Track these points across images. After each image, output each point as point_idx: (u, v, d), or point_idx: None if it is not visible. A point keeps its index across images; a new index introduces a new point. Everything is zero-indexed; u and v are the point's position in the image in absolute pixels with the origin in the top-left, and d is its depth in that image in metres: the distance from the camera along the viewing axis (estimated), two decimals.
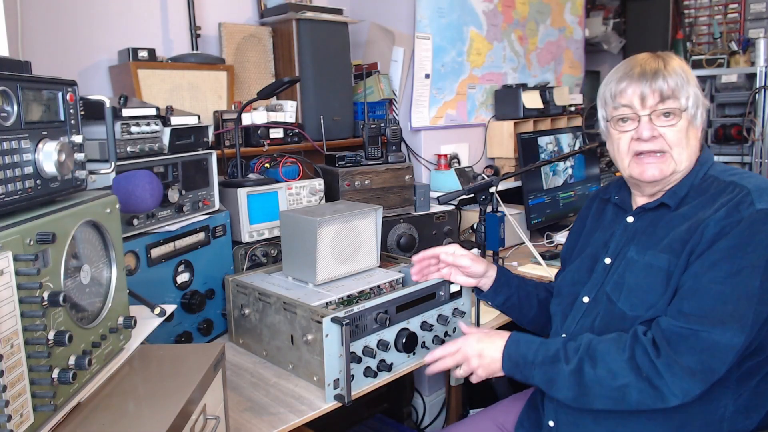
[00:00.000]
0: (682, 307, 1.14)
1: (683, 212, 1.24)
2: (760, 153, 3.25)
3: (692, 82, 1.24)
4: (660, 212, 1.29)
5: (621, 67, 1.30)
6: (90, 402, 0.91)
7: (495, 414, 1.54)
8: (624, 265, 1.28)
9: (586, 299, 1.34)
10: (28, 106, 0.86)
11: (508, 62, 2.89)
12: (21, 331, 0.75)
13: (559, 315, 1.41)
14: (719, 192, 1.22)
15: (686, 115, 1.23)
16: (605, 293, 1.29)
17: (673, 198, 1.27)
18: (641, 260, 1.25)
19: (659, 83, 1.22)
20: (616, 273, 1.29)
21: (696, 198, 1.24)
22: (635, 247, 1.28)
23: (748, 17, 3.60)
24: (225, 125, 1.96)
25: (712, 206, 1.20)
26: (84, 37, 1.89)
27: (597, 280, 1.34)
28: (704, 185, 1.25)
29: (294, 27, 2.19)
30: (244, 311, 1.58)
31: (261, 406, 1.33)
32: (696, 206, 1.23)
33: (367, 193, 2.03)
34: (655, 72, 1.23)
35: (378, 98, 2.48)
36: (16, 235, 0.75)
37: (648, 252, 1.25)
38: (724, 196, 1.20)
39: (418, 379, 2.76)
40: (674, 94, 1.22)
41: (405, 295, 1.48)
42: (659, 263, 1.21)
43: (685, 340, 1.11)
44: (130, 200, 1.29)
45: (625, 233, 1.33)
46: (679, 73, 1.23)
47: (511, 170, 2.63)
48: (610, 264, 1.33)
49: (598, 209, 1.48)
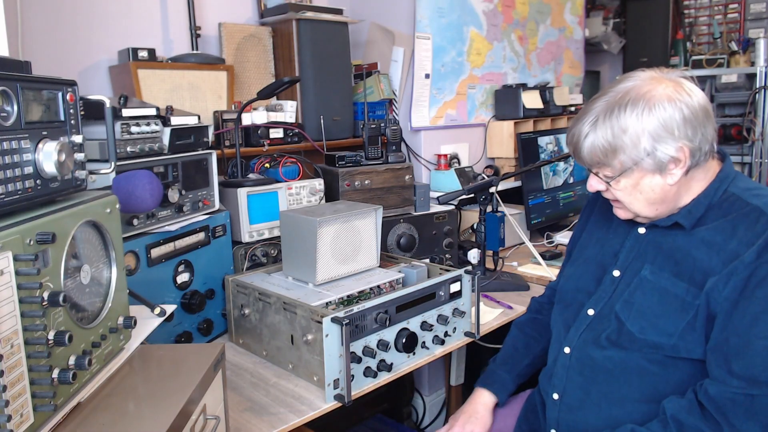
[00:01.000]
0: (732, 369, 1.08)
1: (702, 236, 1.17)
2: (760, 153, 3.25)
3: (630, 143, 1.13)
4: (674, 230, 1.22)
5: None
6: (90, 402, 0.91)
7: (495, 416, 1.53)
8: (636, 283, 1.23)
9: (591, 312, 1.30)
10: (28, 106, 0.86)
11: (508, 62, 2.89)
12: (21, 331, 0.75)
13: (561, 324, 1.37)
14: (742, 217, 1.15)
15: (628, 173, 1.17)
16: (614, 311, 1.25)
17: (688, 218, 1.20)
18: (656, 282, 1.20)
19: (579, 155, 1.22)
20: (627, 291, 1.24)
21: (715, 219, 1.17)
22: (650, 266, 1.22)
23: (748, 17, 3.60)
24: (225, 125, 1.96)
25: (733, 234, 1.14)
26: (84, 37, 1.88)
27: (604, 293, 1.29)
28: (725, 205, 1.18)
29: (294, 27, 2.19)
30: (244, 311, 1.58)
31: (261, 406, 1.33)
32: (716, 230, 1.16)
33: (367, 193, 2.03)
34: (573, 147, 1.23)
35: (378, 98, 2.48)
36: (16, 235, 0.75)
37: (663, 274, 1.20)
38: (746, 223, 1.13)
39: (418, 379, 2.76)
40: (597, 164, 1.21)
41: (405, 295, 1.48)
42: (676, 290, 1.17)
43: (742, 406, 1.05)
44: (130, 200, 1.29)
45: (636, 245, 1.28)
46: (597, 148, 1.17)
47: (511, 170, 2.63)
48: (619, 277, 1.28)
49: (605, 204, 1.41)
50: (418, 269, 1.70)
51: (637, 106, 1.13)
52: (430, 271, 1.72)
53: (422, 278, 1.68)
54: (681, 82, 1.15)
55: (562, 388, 1.31)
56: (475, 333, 1.64)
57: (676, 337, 1.15)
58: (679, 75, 1.17)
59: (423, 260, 1.87)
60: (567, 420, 1.30)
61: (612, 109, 1.15)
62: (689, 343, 1.14)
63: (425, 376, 2.76)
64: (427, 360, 1.56)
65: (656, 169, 1.15)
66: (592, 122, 1.18)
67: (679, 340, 1.15)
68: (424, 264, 1.74)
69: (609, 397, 1.24)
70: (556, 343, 1.37)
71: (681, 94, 1.13)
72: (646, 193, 1.19)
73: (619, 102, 1.15)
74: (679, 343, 1.15)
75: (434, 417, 2.77)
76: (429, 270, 1.72)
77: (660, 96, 1.13)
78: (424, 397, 2.76)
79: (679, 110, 1.12)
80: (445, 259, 2.19)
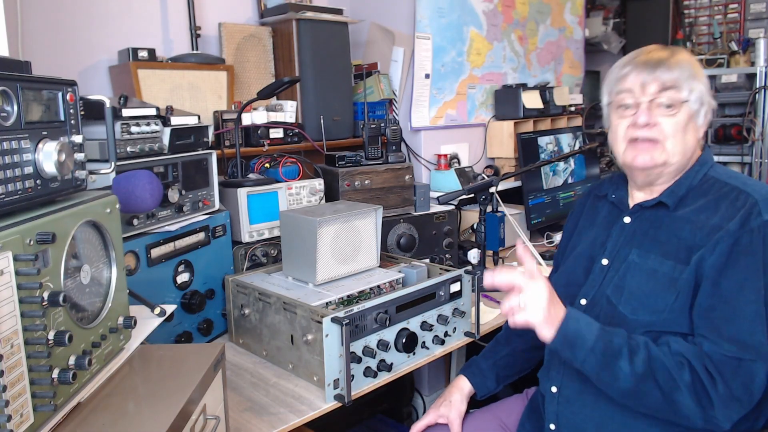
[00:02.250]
0: (723, 331, 1.12)
1: (684, 215, 1.23)
2: (760, 153, 3.25)
3: (699, 79, 1.23)
4: (658, 213, 1.28)
5: (628, 55, 1.30)
6: (90, 402, 0.91)
7: (496, 413, 1.54)
8: (625, 267, 1.27)
9: (583, 302, 1.32)
10: (28, 106, 0.86)
11: (508, 62, 2.89)
12: (21, 331, 0.75)
13: None
14: (722, 196, 1.21)
15: (687, 108, 1.22)
16: (605, 295, 1.28)
17: (671, 197, 1.26)
18: (644, 264, 1.24)
19: (660, 72, 1.22)
20: (617, 275, 1.28)
21: (696, 200, 1.24)
22: (637, 250, 1.27)
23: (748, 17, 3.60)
24: (225, 125, 1.96)
25: (716, 211, 1.19)
26: (84, 37, 1.88)
27: (594, 281, 1.32)
28: (704, 187, 1.25)
29: (294, 27, 2.19)
30: (244, 311, 1.58)
31: (261, 406, 1.33)
32: (698, 209, 1.22)
33: (367, 193, 2.03)
34: (659, 61, 1.23)
35: (378, 98, 2.48)
36: (16, 235, 0.75)
37: (650, 256, 1.24)
38: (727, 201, 1.19)
39: (418, 379, 2.76)
40: (675, 84, 1.22)
41: (405, 295, 1.48)
42: (664, 269, 1.21)
43: (732, 368, 1.10)
44: (130, 200, 1.29)
45: (622, 234, 1.32)
46: (684, 66, 1.22)
47: (511, 170, 2.62)
48: (607, 265, 1.31)
49: (591, 206, 1.47)
50: (418, 269, 1.70)
51: (692, 61, 1.25)
52: (430, 271, 1.72)
53: (422, 278, 1.68)
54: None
55: (560, 380, 1.33)
56: (475, 333, 1.64)
57: (667, 312, 1.18)
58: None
59: (423, 260, 1.87)
60: (565, 413, 1.32)
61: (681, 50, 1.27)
62: (677, 315, 1.18)
63: (425, 376, 2.76)
64: (427, 360, 1.56)
65: (701, 117, 1.25)
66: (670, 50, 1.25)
67: (669, 314, 1.18)
68: (424, 264, 1.74)
69: None
70: None
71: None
72: (688, 136, 1.24)
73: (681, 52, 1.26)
74: (669, 317, 1.18)
75: None
76: (429, 270, 1.72)
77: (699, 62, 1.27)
78: (424, 397, 2.76)
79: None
80: (445, 259, 2.19)
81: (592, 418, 1.27)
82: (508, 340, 1.56)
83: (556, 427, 1.33)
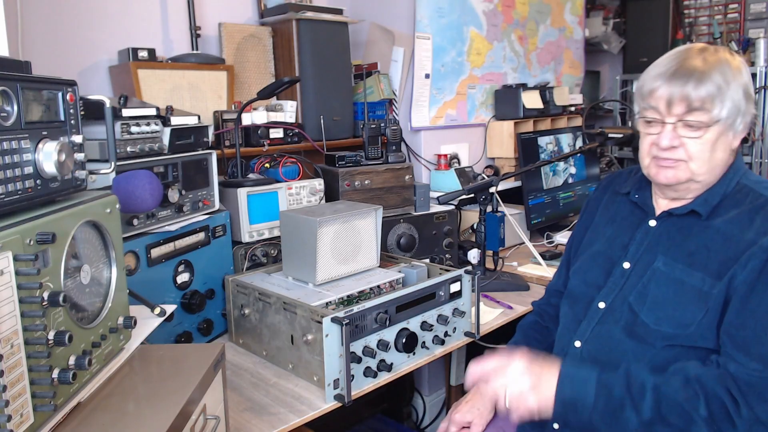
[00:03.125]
0: (750, 351, 1.08)
1: (718, 226, 1.19)
2: (760, 153, 3.25)
3: (734, 88, 1.15)
4: (689, 221, 1.23)
5: (664, 59, 1.22)
6: (90, 402, 0.91)
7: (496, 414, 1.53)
8: (649, 274, 1.23)
9: (602, 305, 1.29)
10: (28, 106, 0.86)
11: (508, 62, 2.89)
12: (21, 331, 0.75)
13: (570, 318, 1.36)
14: (757, 208, 1.17)
15: (717, 126, 1.16)
16: (627, 302, 1.24)
17: (705, 206, 1.21)
18: (671, 273, 1.20)
19: (690, 89, 1.14)
20: (640, 282, 1.24)
21: (730, 209, 1.19)
22: (663, 257, 1.23)
23: (748, 17, 3.60)
24: (225, 125, 1.96)
25: (750, 224, 1.15)
26: (84, 37, 1.88)
27: (614, 285, 1.29)
28: (738, 196, 1.20)
29: (294, 27, 2.19)
30: (244, 311, 1.58)
31: (261, 406, 1.33)
32: (732, 221, 1.17)
33: (367, 193, 2.03)
34: (691, 74, 1.15)
35: (378, 98, 2.48)
36: (16, 235, 0.75)
37: (678, 266, 1.20)
38: (762, 214, 1.15)
39: (418, 379, 2.76)
40: (704, 105, 1.15)
41: (405, 295, 1.48)
42: (692, 281, 1.17)
43: (759, 391, 1.06)
44: (130, 200, 1.29)
45: (646, 238, 1.28)
46: (716, 81, 1.14)
47: (511, 170, 2.63)
48: (629, 269, 1.28)
49: (609, 201, 1.42)
50: (418, 269, 1.70)
51: (731, 64, 1.16)
52: (430, 271, 1.72)
53: (422, 278, 1.68)
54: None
55: None
56: (475, 333, 1.64)
57: (694, 327, 1.14)
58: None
59: (423, 260, 1.87)
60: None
61: (718, 54, 1.18)
62: (706, 331, 1.14)
63: (425, 376, 2.76)
64: (427, 360, 1.56)
65: (737, 126, 1.18)
66: (703, 61, 1.16)
67: (696, 329, 1.14)
68: (424, 264, 1.74)
69: None
70: (564, 338, 1.36)
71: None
72: (717, 154, 1.18)
73: (717, 56, 1.17)
74: (696, 332, 1.14)
75: (434, 417, 2.77)
76: (429, 270, 1.72)
77: (740, 62, 1.18)
78: (424, 397, 2.76)
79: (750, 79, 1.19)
80: (445, 259, 2.19)
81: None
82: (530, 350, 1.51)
83: (560, 426, 1.33)
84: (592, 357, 1.28)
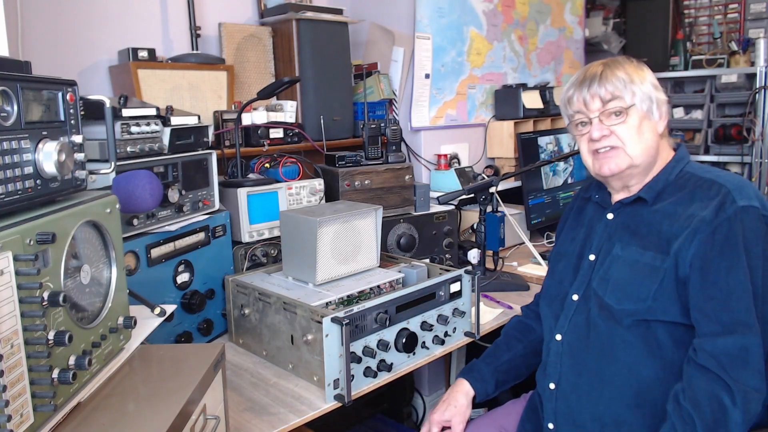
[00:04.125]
0: (721, 319, 1.15)
1: (662, 208, 1.28)
2: (760, 153, 3.25)
3: (639, 81, 1.29)
4: (637, 208, 1.33)
5: (574, 75, 1.40)
6: (90, 402, 0.91)
7: (496, 416, 1.54)
8: (609, 261, 1.32)
9: (575, 297, 1.36)
10: (28, 106, 0.86)
11: (508, 62, 2.89)
12: (21, 331, 0.75)
13: (550, 316, 1.42)
14: (697, 188, 1.26)
15: (635, 111, 1.29)
16: (592, 289, 1.32)
17: (649, 193, 1.31)
18: (626, 256, 1.29)
19: (595, 88, 1.30)
20: (602, 269, 1.32)
21: (673, 194, 1.29)
22: (619, 243, 1.32)
23: (748, 17, 3.60)
24: (225, 125, 1.96)
25: (691, 203, 1.24)
26: (84, 37, 1.88)
27: (584, 277, 1.37)
28: (680, 182, 1.30)
29: (294, 27, 2.19)
30: (244, 311, 1.58)
31: (261, 406, 1.33)
32: (674, 202, 1.27)
33: (367, 193, 2.03)
34: (593, 78, 1.31)
35: (378, 98, 2.48)
36: (16, 235, 0.75)
37: (632, 248, 1.29)
38: (702, 193, 1.24)
39: (418, 379, 2.76)
40: (614, 94, 1.29)
41: (405, 295, 1.48)
42: (644, 259, 1.25)
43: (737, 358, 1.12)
44: (130, 200, 1.29)
45: (606, 229, 1.37)
46: (619, 77, 1.29)
47: (511, 170, 2.62)
48: (594, 260, 1.36)
49: (578, 208, 1.52)
50: (418, 269, 1.70)
51: (631, 61, 1.33)
52: (430, 271, 1.72)
53: (422, 278, 1.68)
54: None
55: (557, 376, 1.35)
56: (475, 333, 1.64)
57: (650, 300, 1.22)
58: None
59: (423, 260, 1.87)
60: (563, 409, 1.33)
61: (613, 60, 1.34)
62: (662, 303, 1.22)
63: (425, 376, 2.76)
64: (427, 360, 1.56)
65: (655, 114, 1.30)
66: (602, 63, 1.34)
67: (653, 302, 1.22)
68: (424, 264, 1.74)
69: (600, 377, 1.28)
70: (548, 335, 1.42)
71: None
72: (645, 135, 1.30)
73: (616, 61, 1.34)
74: (653, 305, 1.22)
75: None
76: (429, 270, 1.72)
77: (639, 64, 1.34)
78: (424, 397, 2.76)
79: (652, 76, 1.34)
80: (445, 259, 2.19)
81: (589, 410, 1.29)
82: (508, 346, 1.56)
83: (555, 426, 1.34)
84: (573, 346, 1.34)
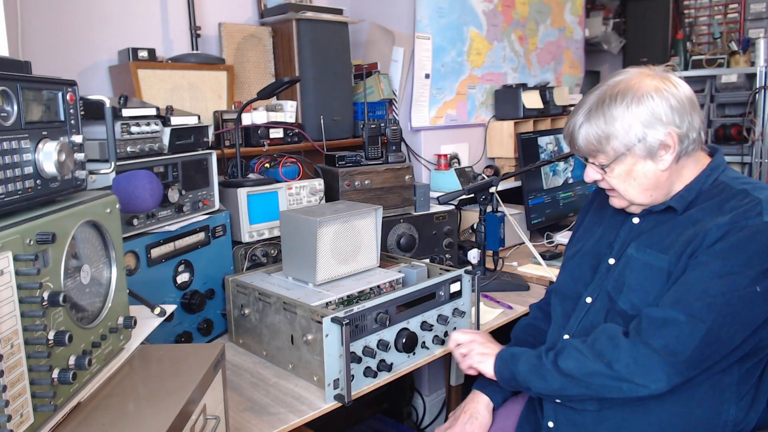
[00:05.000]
0: (681, 299, 1.15)
1: (690, 215, 1.24)
2: (760, 153, 3.25)
3: (623, 128, 1.20)
4: (666, 215, 1.29)
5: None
6: (90, 402, 0.91)
7: (495, 416, 1.53)
8: (624, 262, 1.29)
9: (588, 300, 1.35)
10: (28, 106, 0.86)
11: (508, 62, 2.89)
12: (21, 331, 0.75)
13: (560, 314, 1.41)
14: (727, 198, 1.21)
15: (620, 161, 1.24)
16: (606, 292, 1.30)
17: (680, 202, 1.26)
18: (640, 258, 1.26)
19: (574, 147, 1.29)
20: (617, 271, 1.30)
21: (704, 202, 1.24)
22: (635, 244, 1.29)
23: (748, 17, 3.60)
24: (225, 125, 1.96)
25: (720, 213, 1.19)
26: (84, 37, 1.88)
27: (600, 280, 1.34)
28: (714, 191, 1.24)
29: (294, 27, 2.19)
30: (244, 311, 1.58)
31: (261, 406, 1.33)
32: (703, 210, 1.23)
33: (367, 193, 2.03)
34: (568, 134, 1.29)
35: (378, 98, 2.48)
36: (16, 235, 0.75)
37: (647, 250, 1.25)
38: (731, 203, 1.19)
39: (418, 379, 2.76)
40: (590, 154, 1.27)
41: (405, 295, 1.48)
42: (659, 263, 1.22)
43: (656, 323, 1.14)
44: (130, 200, 1.29)
45: (629, 234, 1.33)
46: (594, 135, 1.23)
47: (511, 170, 2.62)
48: (614, 265, 1.33)
49: (601, 202, 1.47)
50: (418, 269, 1.70)
51: (626, 96, 1.21)
52: (430, 271, 1.72)
53: (422, 278, 1.68)
54: (668, 76, 1.24)
55: None
56: None
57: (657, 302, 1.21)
58: (665, 70, 1.26)
59: (423, 260, 1.87)
60: (563, 408, 1.32)
61: (603, 100, 1.23)
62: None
63: (425, 376, 2.76)
64: (427, 360, 1.56)
65: (648, 154, 1.22)
66: (586, 113, 1.26)
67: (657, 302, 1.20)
68: (424, 264, 1.74)
69: None
70: (555, 333, 1.41)
71: (668, 86, 1.21)
72: (640, 179, 1.25)
73: (610, 94, 1.23)
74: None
75: (434, 417, 2.77)
76: (429, 270, 1.72)
77: (647, 87, 1.21)
78: (424, 397, 2.76)
79: (666, 100, 1.20)
80: (445, 259, 2.19)
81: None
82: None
83: (555, 425, 1.33)
84: None
